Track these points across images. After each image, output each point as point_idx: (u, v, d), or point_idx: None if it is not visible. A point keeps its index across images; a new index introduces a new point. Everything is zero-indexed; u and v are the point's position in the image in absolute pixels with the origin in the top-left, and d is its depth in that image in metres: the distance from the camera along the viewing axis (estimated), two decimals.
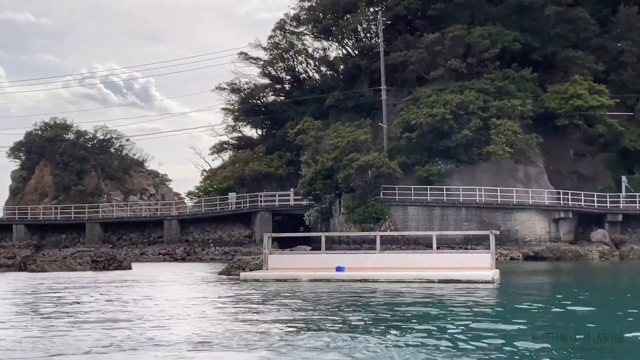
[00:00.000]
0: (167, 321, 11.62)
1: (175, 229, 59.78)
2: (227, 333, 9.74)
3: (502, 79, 55.39)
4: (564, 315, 12.21)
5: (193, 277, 27.39)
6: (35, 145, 78.42)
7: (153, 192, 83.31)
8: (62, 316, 12.31)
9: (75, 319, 11.72)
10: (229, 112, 75.61)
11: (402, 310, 12.80)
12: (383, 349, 7.92)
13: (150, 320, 11.73)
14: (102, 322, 11.28)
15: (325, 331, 9.77)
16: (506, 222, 50.00)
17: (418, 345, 8.42)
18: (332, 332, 9.56)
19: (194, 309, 14.09)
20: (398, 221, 50.15)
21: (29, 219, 65.78)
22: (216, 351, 8.26)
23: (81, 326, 10.68)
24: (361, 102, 62.29)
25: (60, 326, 10.71)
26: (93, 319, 11.69)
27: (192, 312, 13.45)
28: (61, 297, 16.64)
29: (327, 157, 51.46)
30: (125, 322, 11.19)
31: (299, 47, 71.63)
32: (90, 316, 12.24)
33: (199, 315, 12.72)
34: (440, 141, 52.30)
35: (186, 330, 10.33)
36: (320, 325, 10.51)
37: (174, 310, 13.72)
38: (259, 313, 12.76)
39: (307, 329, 10.15)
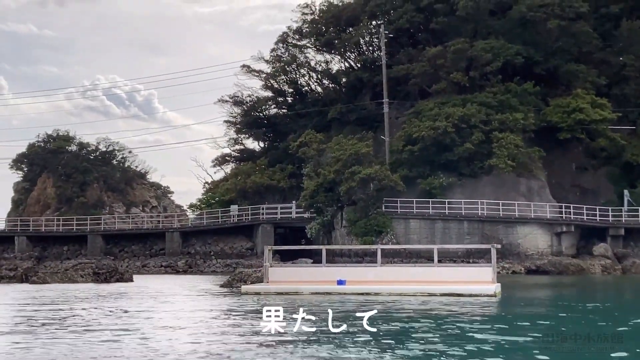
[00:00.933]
0: (167, 335, 11.59)
1: (177, 241, 59.74)
2: (226, 347, 9.71)
3: (505, 92, 55.40)
4: (564, 330, 12.18)
5: (194, 289, 27.34)
6: (37, 157, 78.45)
7: (155, 204, 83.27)
8: (63, 328, 12.28)
9: (75, 331, 11.69)
10: (232, 125, 75.70)
11: (402, 323, 12.76)
12: None
13: (150, 333, 11.69)
14: (101, 334, 11.26)
15: (325, 344, 9.74)
16: (508, 235, 49.91)
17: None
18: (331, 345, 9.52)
19: (195, 322, 14.05)
20: (400, 234, 50.08)
21: (31, 230, 65.80)
22: None
23: (80, 339, 10.66)
24: (363, 115, 62.35)
25: (60, 338, 10.69)
26: (92, 332, 11.66)
27: (193, 325, 13.41)
28: (61, 309, 16.61)
29: (329, 170, 51.45)
30: (124, 335, 11.16)
31: (301, 60, 71.79)
32: (90, 329, 12.21)
33: (199, 329, 12.68)
34: (443, 154, 52.30)
35: (186, 344, 10.30)
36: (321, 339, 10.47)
37: (174, 323, 13.68)
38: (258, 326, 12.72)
39: (305, 341, 10.11)
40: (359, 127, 60.47)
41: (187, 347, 9.76)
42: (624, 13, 58.83)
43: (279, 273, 25.30)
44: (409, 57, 61.02)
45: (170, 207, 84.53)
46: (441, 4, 60.24)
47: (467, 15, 58.70)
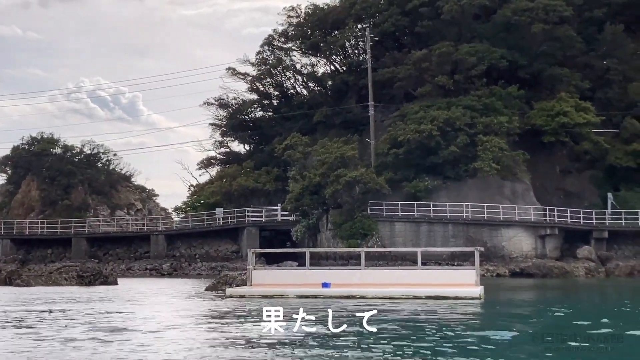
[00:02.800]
0: (150, 338, 11.58)
1: (162, 244, 59.59)
2: (208, 351, 9.72)
3: (489, 95, 55.68)
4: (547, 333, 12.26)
5: (179, 292, 27.30)
6: (21, 160, 78.01)
7: (140, 207, 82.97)
8: (45, 331, 12.24)
9: (58, 335, 11.66)
10: (217, 127, 75.59)
11: (391, 326, 12.81)
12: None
13: (133, 337, 11.68)
14: (84, 339, 11.23)
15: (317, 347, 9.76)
16: (493, 238, 50.14)
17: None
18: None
19: (178, 326, 14.04)
20: (385, 237, 50.20)
21: (14, 233, 65.42)
22: None
23: (63, 343, 10.63)
24: (349, 118, 62.47)
25: (42, 342, 10.66)
26: (76, 336, 11.63)
27: (176, 329, 13.40)
28: (44, 312, 16.55)
29: (315, 173, 51.52)
30: (108, 339, 11.15)
31: (287, 63, 71.81)
32: (73, 332, 12.17)
33: (182, 333, 12.68)
34: (428, 157, 52.50)
35: (169, 347, 10.30)
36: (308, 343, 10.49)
37: (157, 327, 13.67)
38: (243, 330, 12.72)
39: (304, 342, 10.13)
40: (344, 130, 60.59)
41: (167, 352, 9.76)
42: (607, 17, 59.23)
43: (263, 276, 25.28)
44: (394, 61, 61.18)
45: (155, 210, 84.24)
46: (426, 8, 60.46)
47: (452, 18, 58.96)
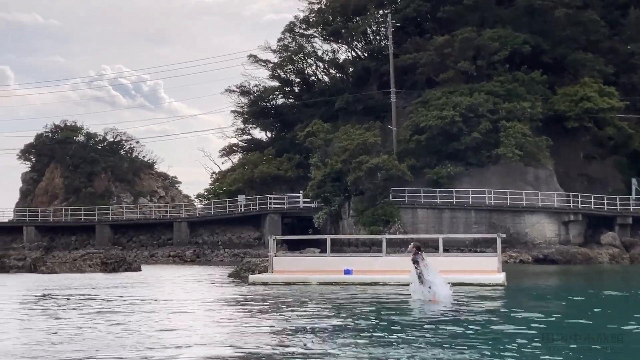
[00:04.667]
0: (174, 324, 11.68)
1: (184, 231, 59.93)
2: (234, 336, 9.79)
3: (512, 81, 55.29)
4: (570, 319, 12.21)
5: (202, 279, 27.46)
6: (45, 148, 78.72)
7: (163, 194, 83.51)
8: (71, 317, 12.38)
9: (84, 321, 11.79)
10: (239, 115, 75.74)
11: (415, 312, 12.83)
12: (411, 350, 7.95)
13: (157, 322, 11.79)
14: (110, 324, 11.35)
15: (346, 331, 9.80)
16: (516, 224, 49.91)
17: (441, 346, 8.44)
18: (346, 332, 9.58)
19: (202, 311, 14.14)
20: (407, 224, 50.14)
21: (39, 220, 66.10)
22: (222, 354, 8.30)
23: (90, 328, 10.75)
24: (370, 105, 62.31)
25: (69, 326, 10.77)
26: (101, 321, 11.75)
27: (200, 315, 13.49)
28: (71, 297, 16.72)
29: (337, 160, 51.49)
30: (132, 323, 11.25)
31: (308, 50, 71.72)
32: (99, 318, 12.30)
33: (207, 318, 12.76)
34: (450, 144, 52.28)
35: (194, 333, 10.38)
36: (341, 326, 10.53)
37: (181, 313, 13.77)
38: (266, 316, 12.80)
39: (313, 331, 10.17)
40: (366, 116, 60.46)
41: (191, 337, 9.83)
42: (631, 1, 58.60)
43: (284, 263, 25.37)
44: (416, 46, 60.89)
45: (178, 197, 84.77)
46: None
47: (475, 3, 58.54)
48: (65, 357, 7.92)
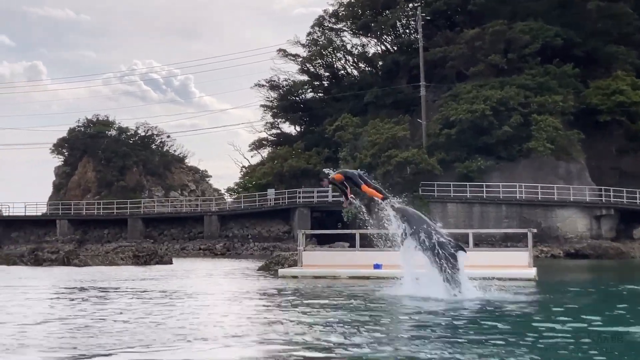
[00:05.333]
0: (205, 317, 11.79)
1: (215, 224, 60.31)
2: (265, 329, 9.87)
3: (543, 74, 54.86)
4: (600, 317, 12.13)
5: (233, 272, 27.62)
6: (78, 142, 79.61)
7: (193, 187, 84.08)
8: (104, 308, 12.55)
9: (115, 312, 11.95)
10: (268, 109, 75.99)
11: (452, 308, 12.82)
12: (447, 347, 7.97)
13: (188, 315, 11.91)
14: (142, 315, 11.49)
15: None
16: (547, 219, 49.57)
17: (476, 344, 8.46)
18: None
19: (233, 304, 14.24)
20: (437, 218, 49.90)
21: (72, 214, 66.91)
22: (251, 347, 8.38)
23: (121, 320, 10.89)
24: (400, 99, 62.16)
25: (101, 318, 10.93)
26: (133, 313, 11.90)
27: (231, 307, 13.60)
28: (105, 290, 16.94)
29: (366, 154, 51.47)
30: (163, 316, 11.38)
31: (337, 44, 71.71)
32: (132, 310, 12.46)
33: (237, 311, 12.86)
34: (480, 137, 52.02)
35: (224, 325, 10.47)
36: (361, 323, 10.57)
37: (212, 305, 13.90)
38: (297, 309, 12.87)
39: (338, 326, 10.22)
40: (395, 110, 60.33)
41: (223, 329, 9.92)
42: None
43: (313, 257, 25.39)
44: (446, 40, 60.62)
45: (208, 191, 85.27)
46: None
47: None
48: (96, 348, 8.05)
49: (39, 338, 9.15)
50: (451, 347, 8.03)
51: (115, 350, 7.99)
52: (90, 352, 7.94)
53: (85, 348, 8.17)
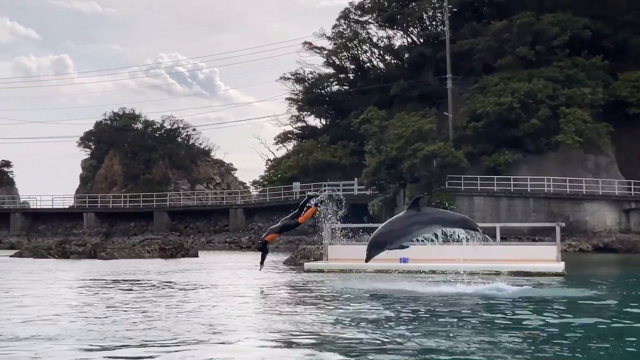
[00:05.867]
0: (231, 309, 11.74)
1: (240, 217, 60.47)
2: (290, 323, 9.78)
3: (572, 66, 54.27)
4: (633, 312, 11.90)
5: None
6: (104, 135, 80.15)
7: (219, 181, 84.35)
8: (131, 301, 12.54)
9: (143, 305, 11.93)
10: (293, 102, 75.97)
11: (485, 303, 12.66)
12: (491, 346, 7.81)
13: (214, 307, 11.86)
14: (170, 307, 11.46)
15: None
16: (575, 212, 49.07)
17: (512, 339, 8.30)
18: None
19: (259, 297, 14.19)
20: (464, 211, 49.53)
21: (98, 207, 67.43)
22: (277, 340, 8.29)
23: (149, 312, 10.86)
24: (426, 91, 61.81)
25: (128, 310, 10.91)
26: (160, 305, 11.87)
27: (257, 300, 13.54)
28: (132, 282, 16.96)
29: (392, 147, 51.22)
30: (190, 308, 11.35)
31: (363, 36, 71.45)
32: (159, 302, 12.44)
33: (263, 304, 12.80)
34: (508, 130, 51.59)
35: (250, 318, 10.41)
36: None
37: (238, 297, 13.85)
38: (324, 303, 12.78)
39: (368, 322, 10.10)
40: (421, 103, 59.99)
41: (248, 323, 9.85)
42: None
43: (338, 251, 25.31)
44: (473, 32, 60.14)
45: (234, 184, 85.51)
46: None
47: None
48: (126, 340, 8.01)
49: (68, 329, 9.13)
50: (476, 340, 7.87)
51: (144, 342, 7.94)
52: (119, 343, 7.90)
53: (115, 340, 8.13)
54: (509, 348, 7.56)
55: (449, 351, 7.34)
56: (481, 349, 7.51)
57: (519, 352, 7.35)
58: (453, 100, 57.37)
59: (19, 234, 63.40)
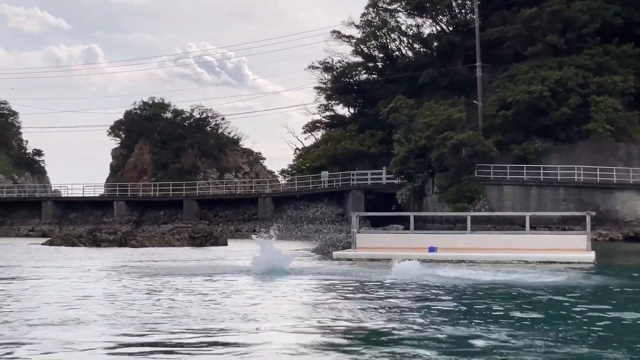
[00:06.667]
0: (262, 299, 11.83)
1: (269, 206, 60.65)
2: (320, 312, 9.84)
3: (603, 54, 53.60)
4: None
5: (287, 254, 27.68)
6: (134, 124, 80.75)
7: (247, 170, 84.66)
8: (161, 289, 12.69)
9: (171, 293, 12.06)
10: (322, 91, 75.83)
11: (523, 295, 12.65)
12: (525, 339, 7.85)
13: (245, 295, 11.97)
14: (201, 295, 11.58)
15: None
16: (606, 202, 48.59)
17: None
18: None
19: (290, 285, 14.27)
20: (493, 200, 49.42)
21: (129, 195, 67.98)
22: (304, 328, 8.36)
23: (178, 300, 10.98)
24: (455, 80, 61.39)
25: (157, 298, 11.04)
26: (190, 293, 12.00)
27: (289, 289, 13.62)
28: (162, 270, 17.13)
29: (420, 136, 51.03)
30: (221, 296, 11.45)
31: (392, 25, 71.05)
32: (190, 290, 12.57)
33: (294, 292, 12.88)
34: (538, 119, 51.15)
35: (280, 306, 10.48)
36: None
37: (269, 282, 13.96)
38: (352, 293, 12.83)
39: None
40: (450, 92, 59.58)
41: (280, 310, 9.93)
42: None
43: (366, 239, 25.36)
44: (503, 20, 59.57)
45: (262, 173, 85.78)
46: None
47: None
48: (158, 326, 8.12)
49: (97, 315, 9.28)
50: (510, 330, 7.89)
51: (176, 329, 8.05)
52: (152, 329, 8.00)
53: (146, 327, 8.24)
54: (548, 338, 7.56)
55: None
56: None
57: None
58: (482, 88, 56.94)
59: (51, 222, 64.18)
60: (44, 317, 9.14)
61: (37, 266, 20.03)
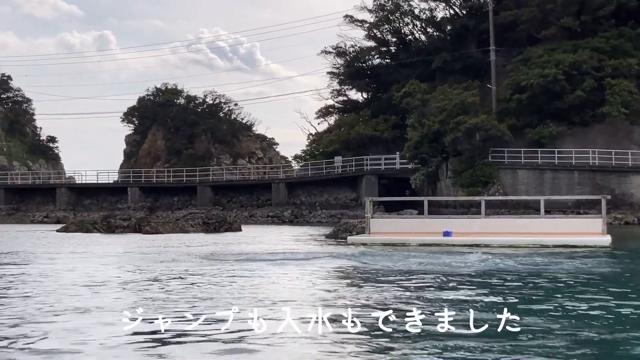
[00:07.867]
0: (278, 282, 11.85)
1: (282, 192, 60.73)
2: (337, 297, 9.84)
3: (618, 37, 53.15)
4: None
5: (301, 239, 27.77)
6: (147, 110, 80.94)
7: (261, 155, 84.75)
8: (181, 274, 12.74)
9: (188, 277, 12.11)
10: (335, 76, 75.68)
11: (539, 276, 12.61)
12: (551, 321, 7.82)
13: (261, 279, 12.00)
14: (218, 280, 11.62)
15: None
16: (621, 185, 48.35)
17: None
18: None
19: (306, 270, 14.29)
20: (507, 185, 49.27)
21: (142, 181, 68.22)
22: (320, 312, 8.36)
23: (194, 284, 11.02)
24: (469, 64, 61.10)
25: (178, 284, 11.09)
26: (209, 277, 12.04)
27: (304, 273, 13.63)
28: (179, 255, 17.19)
29: (434, 120, 50.89)
30: (241, 279, 11.49)
31: (405, 9, 70.69)
32: (208, 274, 12.61)
33: (310, 276, 12.89)
34: (552, 102, 50.86)
35: (298, 290, 10.49)
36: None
37: (284, 266, 13.98)
38: (369, 277, 12.82)
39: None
40: (464, 76, 59.32)
41: (297, 294, 9.94)
42: None
43: (380, 224, 25.32)
44: (517, 3, 59.13)
45: (276, 159, 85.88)
46: None
47: None
48: (176, 312, 8.15)
49: (113, 300, 9.32)
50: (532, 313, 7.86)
51: (195, 313, 8.06)
52: (170, 315, 8.02)
53: (164, 311, 8.26)
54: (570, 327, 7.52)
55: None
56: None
57: None
58: (496, 72, 56.64)
59: (65, 208, 64.53)
60: (64, 304, 9.17)
61: (55, 252, 20.12)
